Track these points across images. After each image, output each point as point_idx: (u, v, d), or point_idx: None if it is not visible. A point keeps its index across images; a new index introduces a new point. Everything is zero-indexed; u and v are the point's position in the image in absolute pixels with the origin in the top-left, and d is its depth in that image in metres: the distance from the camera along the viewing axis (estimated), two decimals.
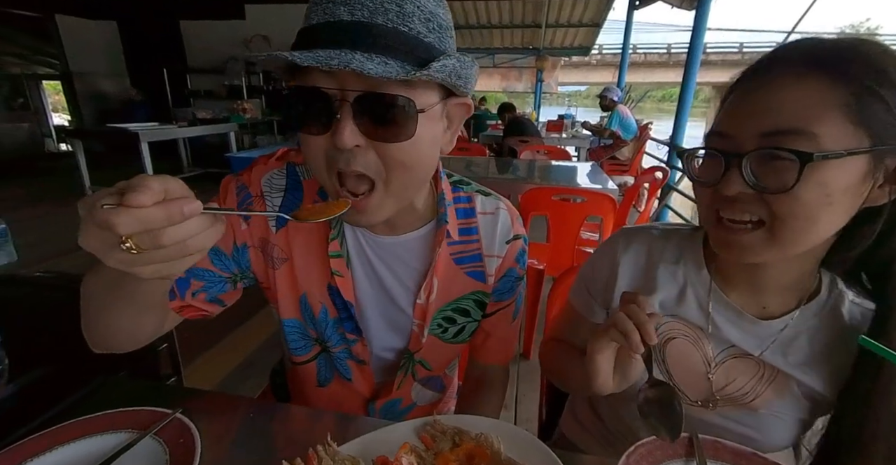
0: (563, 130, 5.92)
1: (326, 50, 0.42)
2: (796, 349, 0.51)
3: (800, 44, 0.43)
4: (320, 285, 0.64)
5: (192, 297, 0.61)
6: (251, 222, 0.62)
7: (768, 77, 0.42)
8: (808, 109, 0.40)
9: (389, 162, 0.48)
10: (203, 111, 5.68)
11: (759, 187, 0.42)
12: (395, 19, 0.44)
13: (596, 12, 8.17)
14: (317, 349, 0.71)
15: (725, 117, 0.45)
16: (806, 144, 0.39)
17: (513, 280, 0.69)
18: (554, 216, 1.94)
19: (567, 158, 3.77)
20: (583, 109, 19.39)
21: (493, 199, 0.68)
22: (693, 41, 3.56)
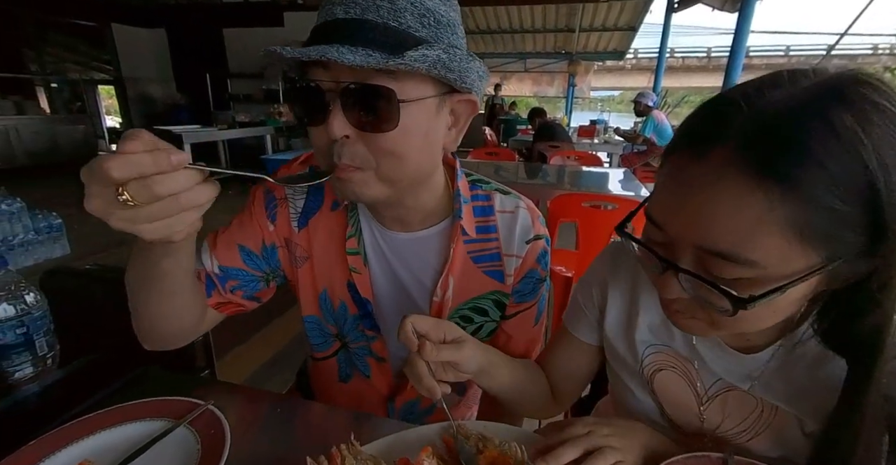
0: (594, 136, 5.81)
1: (320, 45, 0.45)
2: (788, 382, 0.47)
3: (744, 112, 0.33)
4: (340, 281, 0.66)
5: (231, 293, 0.64)
6: (277, 223, 0.65)
7: (704, 170, 0.34)
8: (746, 233, 0.33)
9: (378, 152, 0.50)
10: (242, 114, 5.93)
11: (700, 301, 0.38)
12: (386, 15, 0.46)
13: (632, 16, 8.01)
14: (337, 345, 0.73)
15: (661, 205, 0.39)
16: (744, 270, 0.34)
17: (534, 282, 0.68)
18: (584, 223, 1.90)
19: (599, 164, 3.70)
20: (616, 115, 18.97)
21: (513, 197, 0.68)
22: (735, 44, 3.44)
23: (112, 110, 10.88)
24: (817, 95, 0.32)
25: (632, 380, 0.58)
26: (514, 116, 8.86)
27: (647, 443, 0.49)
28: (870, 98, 0.32)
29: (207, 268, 0.63)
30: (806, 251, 0.33)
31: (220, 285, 0.63)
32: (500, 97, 9.76)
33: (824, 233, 0.32)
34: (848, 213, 0.32)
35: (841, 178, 0.31)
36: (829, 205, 0.31)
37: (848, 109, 0.31)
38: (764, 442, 0.49)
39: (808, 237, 0.32)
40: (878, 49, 22.23)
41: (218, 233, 0.65)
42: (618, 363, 0.59)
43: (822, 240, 0.33)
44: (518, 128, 7.37)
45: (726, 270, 0.35)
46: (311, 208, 0.66)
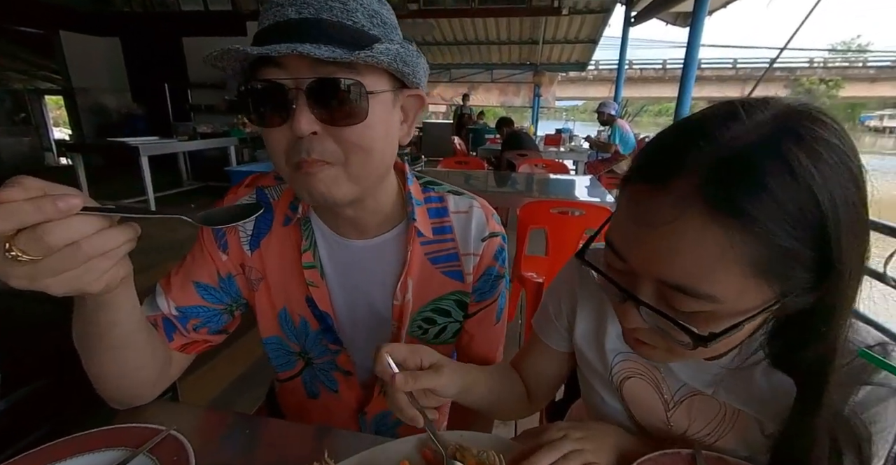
0: (560, 144, 5.97)
1: (276, 44, 0.45)
2: (748, 387, 0.48)
3: (703, 147, 0.33)
4: (298, 298, 0.65)
5: (195, 331, 0.63)
6: (230, 251, 0.64)
7: (664, 204, 0.34)
8: (707, 269, 0.33)
9: (347, 146, 0.50)
10: (204, 125, 5.74)
11: (660, 332, 0.39)
12: (339, 15, 0.47)
13: (592, 29, 8.35)
14: (301, 364, 0.71)
15: (623, 236, 0.39)
16: (703, 304, 0.35)
17: (493, 279, 0.68)
18: (553, 229, 1.94)
19: (565, 171, 3.80)
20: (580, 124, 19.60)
21: (466, 198, 0.68)
22: (688, 57, 3.63)
23: (61, 122, 10.31)
24: (774, 132, 0.33)
25: (602, 386, 0.59)
26: (483, 125, 9.00)
27: (619, 444, 0.51)
28: (822, 136, 0.33)
29: (164, 311, 0.61)
30: (761, 287, 0.34)
31: (180, 327, 0.62)
32: (468, 107, 9.90)
33: (779, 270, 0.33)
34: (800, 250, 0.33)
35: (795, 216, 0.32)
36: (785, 243, 0.32)
37: (802, 148, 0.32)
38: (728, 443, 0.51)
39: (763, 274, 0.33)
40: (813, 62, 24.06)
41: (171, 274, 0.64)
42: (588, 371, 0.60)
43: (777, 276, 0.34)
44: (486, 137, 7.47)
45: (685, 303, 0.36)
46: (261, 229, 0.65)
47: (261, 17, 0.50)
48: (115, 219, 0.36)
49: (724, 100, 0.37)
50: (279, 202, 0.66)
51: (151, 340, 0.56)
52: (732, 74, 20.52)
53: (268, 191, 0.67)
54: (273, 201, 0.66)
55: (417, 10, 5.64)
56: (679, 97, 3.75)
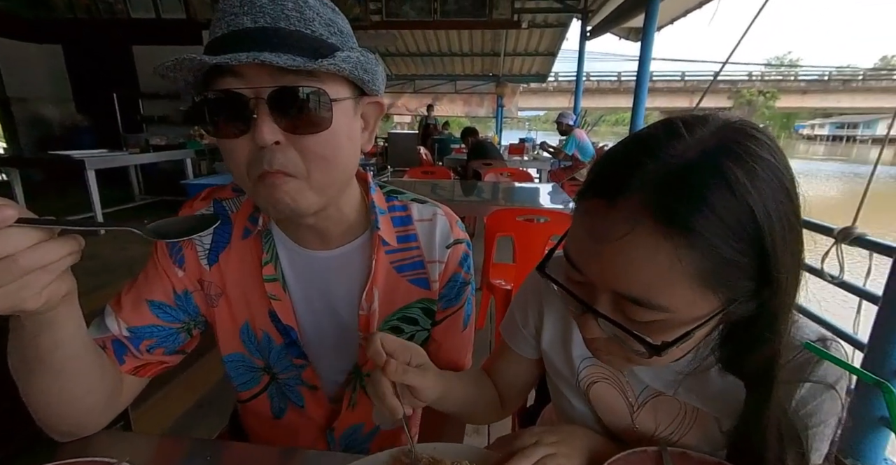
0: (524, 153, 6.12)
1: (234, 53, 0.44)
2: (706, 386, 0.50)
3: (647, 164, 0.36)
4: (261, 312, 0.63)
5: (149, 352, 0.60)
6: (186, 267, 0.62)
7: (615, 221, 0.36)
8: (659, 281, 0.36)
9: (310, 156, 0.49)
10: (157, 137, 5.48)
11: (618, 341, 0.41)
12: (297, 23, 0.47)
13: (551, 42, 8.66)
14: (265, 380, 0.69)
15: (579, 251, 0.40)
16: (656, 314, 0.37)
17: (459, 285, 0.68)
18: (519, 237, 1.97)
19: (529, 179, 3.89)
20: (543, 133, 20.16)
21: (430, 206, 0.69)
22: (640, 70, 3.82)
23: None
24: (713, 150, 0.35)
25: (569, 391, 0.60)
26: (448, 135, 9.09)
27: (590, 445, 0.52)
28: (757, 153, 0.35)
29: (115, 332, 0.58)
30: (708, 297, 0.36)
31: (132, 348, 0.59)
32: (433, 117, 9.98)
33: (723, 280, 0.36)
34: (741, 261, 0.35)
35: (735, 229, 0.34)
36: (727, 255, 0.34)
37: (739, 165, 0.34)
38: (689, 441, 0.53)
39: (710, 284, 0.35)
40: (752, 76, 25.97)
41: (122, 293, 0.61)
42: (556, 376, 0.61)
43: (722, 286, 0.36)
44: (452, 147, 7.55)
45: (639, 313, 0.38)
46: (219, 243, 0.63)
47: (213, 26, 0.48)
48: (55, 231, 0.34)
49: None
50: (238, 214, 0.64)
51: (99, 363, 0.52)
52: (681, 86, 21.81)
53: (226, 203, 0.65)
54: (231, 214, 0.64)
55: (380, 21, 5.66)
56: (634, 107, 3.94)
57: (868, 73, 27.05)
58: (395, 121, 19.31)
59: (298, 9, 0.47)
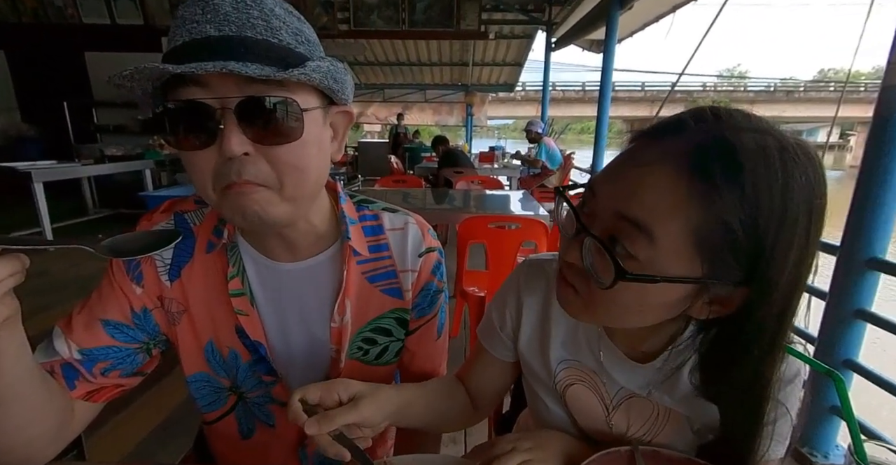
0: (494, 161, 6.21)
1: (198, 62, 0.42)
2: (677, 387, 0.51)
3: (705, 126, 0.38)
4: (227, 328, 0.61)
5: (103, 375, 0.58)
6: (145, 284, 0.60)
7: (654, 152, 0.39)
8: (662, 209, 0.37)
9: (281, 167, 0.48)
10: (113, 148, 5.23)
11: (588, 270, 0.41)
12: (263, 32, 0.46)
13: (518, 53, 8.87)
14: (232, 400, 0.66)
15: (605, 173, 0.43)
16: (642, 245, 0.38)
17: (432, 294, 0.68)
18: (491, 244, 1.99)
19: (500, 187, 3.94)
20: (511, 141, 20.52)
21: (401, 215, 0.68)
22: (603, 80, 3.97)
23: None
24: (767, 137, 0.37)
25: (546, 395, 0.60)
26: (419, 144, 9.13)
27: (566, 449, 0.53)
28: (802, 160, 0.36)
29: (64, 356, 0.55)
30: (693, 260, 0.37)
31: (84, 372, 0.56)
32: (403, 126, 10.00)
33: (713, 250, 0.37)
34: (739, 239, 0.36)
35: (750, 203, 0.35)
36: (730, 225, 0.35)
37: (782, 158, 0.36)
38: (661, 440, 0.54)
39: (699, 247, 0.37)
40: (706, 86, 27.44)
41: (72, 314, 0.58)
42: (533, 379, 0.62)
43: (710, 255, 0.37)
44: (423, 155, 7.57)
45: (630, 239, 0.38)
46: (181, 257, 0.61)
47: (172, 34, 0.46)
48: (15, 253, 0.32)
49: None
50: (201, 227, 0.62)
51: (45, 390, 0.49)
52: (642, 96, 22.75)
53: (188, 216, 0.62)
54: (194, 227, 0.62)
55: (348, 30, 5.64)
56: (598, 116, 4.09)
57: (808, 84, 29.12)
58: (365, 130, 19.20)
59: (265, 17, 0.46)
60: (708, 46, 2.93)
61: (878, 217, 1.27)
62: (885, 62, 1.21)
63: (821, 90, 25.39)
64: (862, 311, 1.35)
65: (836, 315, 1.39)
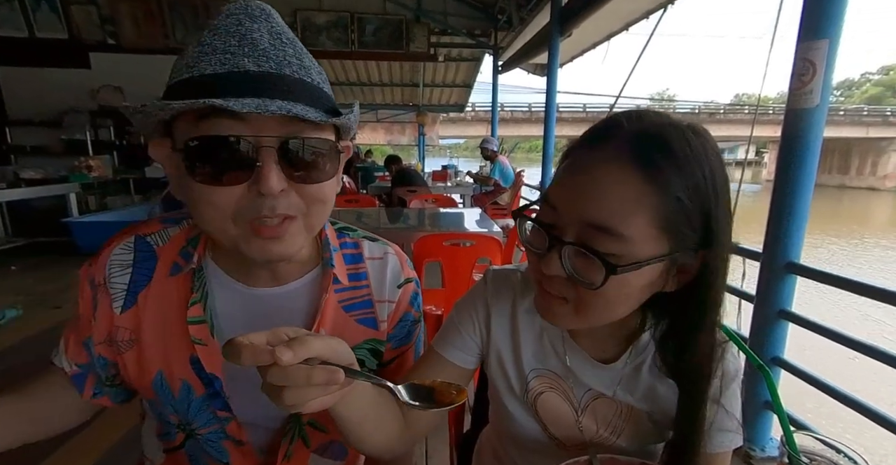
0: (447, 180, 6.29)
1: (241, 99, 0.42)
2: (638, 385, 0.55)
3: (631, 123, 0.44)
4: (181, 359, 0.57)
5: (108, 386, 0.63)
6: (98, 314, 0.58)
7: (598, 158, 0.43)
8: (623, 210, 0.41)
9: (310, 201, 0.49)
10: (31, 170, 4.76)
11: (573, 277, 0.44)
12: (299, 71, 0.47)
13: (467, 75, 9.17)
14: (181, 437, 0.62)
15: (558, 185, 0.46)
16: (615, 245, 0.41)
17: (410, 324, 0.67)
18: (447, 261, 2.00)
19: (453, 205, 3.99)
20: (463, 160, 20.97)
21: (381, 244, 0.68)
22: (548, 102, 4.19)
23: None
24: (678, 123, 0.44)
25: (516, 406, 0.60)
26: (371, 163, 9.09)
27: None
28: (708, 136, 0.44)
29: (67, 370, 0.61)
30: (660, 239, 0.42)
31: (88, 387, 0.62)
32: (355, 146, 9.92)
33: (674, 226, 0.41)
34: (691, 211, 0.41)
35: (690, 181, 0.41)
36: (682, 202, 0.41)
37: (697, 138, 0.43)
38: (625, 438, 0.57)
39: (663, 228, 0.41)
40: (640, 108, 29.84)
41: (68, 329, 0.62)
42: (505, 391, 0.61)
43: (672, 232, 0.42)
44: (376, 175, 7.55)
45: (602, 243, 0.41)
46: (139, 281, 0.57)
47: (195, 59, 0.45)
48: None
49: None
50: (165, 248, 0.58)
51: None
52: (584, 117, 24.19)
53: (150, 238, 0.59)
54: (157, 248, 0.59)
55: None
56: (545, 135, 4.29)
57: (727, 107, 32.37)
58: None
59: (298, 57, 0.47)
60: (640, 72, 3.19)
61: (792, 225, 1.42)
62: (787, 89, 1.37)
63: (737, 112, 28.25)
64: (785, 311, 1.48)
65: (762, 316, 1.52)
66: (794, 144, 1.38)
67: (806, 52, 1.30)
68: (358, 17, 5.46)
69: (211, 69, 0.44)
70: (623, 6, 3.65)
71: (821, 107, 1.32)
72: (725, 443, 0.52)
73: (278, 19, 0.49)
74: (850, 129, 23.95)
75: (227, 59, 0.44)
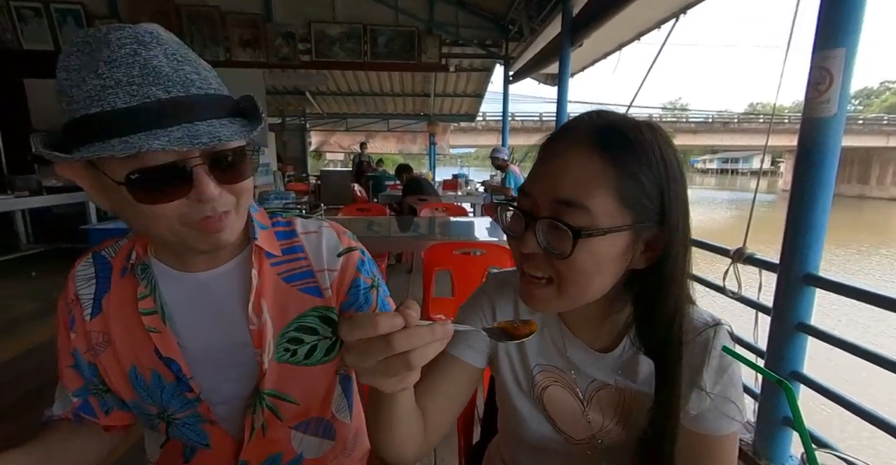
0: (458, 189, 6.31)
1: (163, 129, 0.46)
2: (638, 371, 0.57)
3: (591, 119, 0.50)
4: (146, 351, 0.62)
5: (106, 415, 0.67)
6: (76, 327, 0.63)
7: (563, 146, 0.49)
8: (587, 185, 0.46)
9: (238, 194, 0.55)
10: (53, 178, 4.90)
11: (547, 250, 0.48)
12: (200, 85, 0.50)
13: (477, 85, 9.23)
14: (163, 427, 0.66)
15: (531, 176, 0.52)
16: (581, 217, 0.46)
17: (365, 290, 0.70)
18: (457, 270, 1.99)
19: (464, 214, 3.99)
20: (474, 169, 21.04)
21: (315, 220, 0.72)
22: (558, 111, 4.20)
23: None
24: (634, 118, 0.51)
25: (524, 402, 0.62)
26: (382, 172, 9.17)
27: None
28: (661, 131, 0.50)
29: (71, 404, 0.65)
30: (623, 213, 0.47)
31: (89, 414, 0.66)
32: (366, 155, 10.04)
33: (634, 200, 0.47)
34: (646, 185, 0.47)
35: (644, 161, 0.47)
36: (638, 179, 0.46)
37: (649, 128, 0.49)
38: (633, 427, 0.57)
39: (625, 202, 0.46)
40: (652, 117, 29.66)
41: (59, 365, 0.65)
42: (513, 386, 0.62)
43: (633, 205, 0.47)
44: (387, 183, 7.60)
45: (570, 216, 0.46)
46: (101, 289, 0.64)
47: (99, 95, 0.46)
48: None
49: None
50: (117, 257, 0.65)
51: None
52: None
53: (105, 252, 0.66)
54: (111, 259, 0.65)
55: (310, 61, 5.69)
56: None
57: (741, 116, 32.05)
58: (327, 158, 19.11)
59: (196, 70, 0.50)
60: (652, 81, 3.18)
61: (810, 236, 1.38)
62: (803, 98, 1.35)
63: (752, 121, 27.90)
64: (803, 324, 1.44)
65: (780, 329, 1.48)
66: (811, 153, 1.35)
67: (822, 60, 1.28)
68: (371, 28, 5.54)
69: (122, 102, 0.45)
70: (635, 16, 3.65)
71: (838, 116, 1.30)
72: (722, 427, 0.53)
73: (167, 37, 0.50)
74: (869, 138, 23.47)
75: (135, 90, 0.46)
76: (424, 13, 5.72)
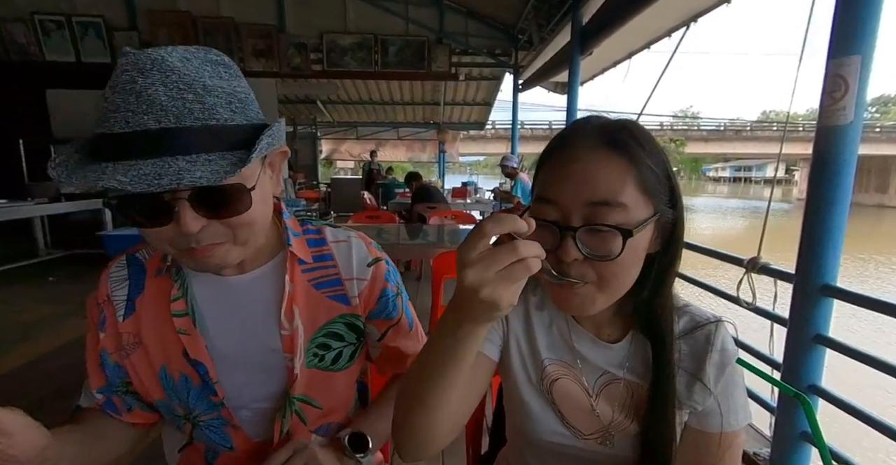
0: (467, 196, 6.32)
1: (144, 160, 0.45)
2: (643, 358, 0.58)
3: (590, 122, 0.54)
4: (176, 351, 0.62)
5: (129, 411, 0.67)
6: (106, 328, 0.64)
7: (577, 152, 0.51)
8: (616, 182, 0.48)
9: (235, 227, 0.53)
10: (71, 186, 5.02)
11: (592, 256, 0.48)
12: (200, 116, 0.47)
13: (487, 93, 9.29)
14: (188, 428, 0.66)
15: (550, 184, 0.51)
16: (620, 215, 0.48)
17: (391, 299, 0.71)
18: None
19: (473, 221, 3.99)
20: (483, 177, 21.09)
21: (344, 230, 0.73)
22: (568, 119, 4.20)
23: None
24: (628, 122, 0.54)
25: (533, 396, 0.61)
26: (392, 180, 9.23)
27: None
28: (637, 124, 0.54)
29: (97, 399, 0.65)
30: (647, 203, 0.50)
31: (113, 410, 0.66)
32: (376, 163, 10.12)
33: (653, 189, 0.50)
34: (659, 175, 0.51)
35: (650, 152, 0.51)
36: (651, 168, 0.50)
37: (632, 123, 0.53)
38: (640, 422, 0.57)
39: (646, 192, 0.50)
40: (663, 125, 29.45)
41: (87, 361, 0.66)
42: (523, 379, 0.62)
43: (651, 194, 0.50)
44: (396, 191, 7.64)
45: (608, 216, 0.48)
46: (134, 290, 0.64)
47: (104, 115, 0.47)
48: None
49: None
50: (151, 260, 0.66)
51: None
52: None
53: (139, 254, 0.67)
54: (145, 261, 0.66)
55: (321, 70, 5.79)
56: None
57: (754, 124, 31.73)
58: (337, 166, 19.31)
59: (199, 99, 0.47)
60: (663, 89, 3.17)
61: (827, 245, 1.35)
62: (818, 106, 1.34)
63: (765, 129, 27.64)
64: (821, 336, 1.40)
65: (796, 341, 1.44)
66: (826, 161, 1.33)
67: (837, 68, 1.26)
68: (381, 38, 5.63)
69: (119, 127, 0.46)
70: (645, 25, 3.65)
71: (854, 124, 1.28)
72: (725, 425, 0.54)
73: (172, 64, 0.47)
74: (888, 146, 23.03)
75: (130, 117, 0.45)
76: (435, 23, 5.79)
